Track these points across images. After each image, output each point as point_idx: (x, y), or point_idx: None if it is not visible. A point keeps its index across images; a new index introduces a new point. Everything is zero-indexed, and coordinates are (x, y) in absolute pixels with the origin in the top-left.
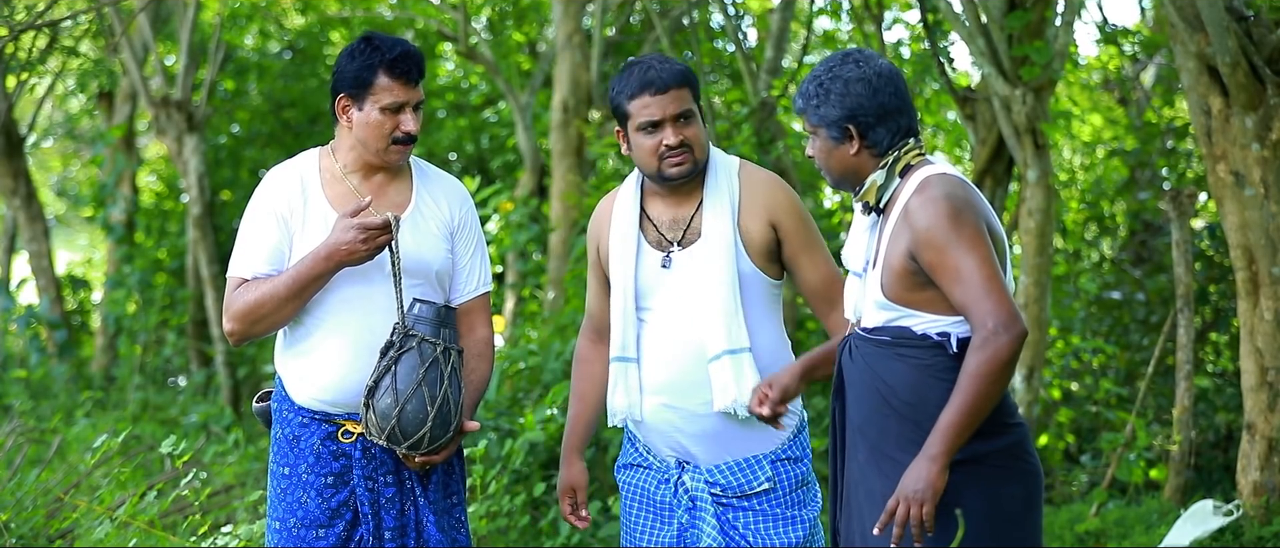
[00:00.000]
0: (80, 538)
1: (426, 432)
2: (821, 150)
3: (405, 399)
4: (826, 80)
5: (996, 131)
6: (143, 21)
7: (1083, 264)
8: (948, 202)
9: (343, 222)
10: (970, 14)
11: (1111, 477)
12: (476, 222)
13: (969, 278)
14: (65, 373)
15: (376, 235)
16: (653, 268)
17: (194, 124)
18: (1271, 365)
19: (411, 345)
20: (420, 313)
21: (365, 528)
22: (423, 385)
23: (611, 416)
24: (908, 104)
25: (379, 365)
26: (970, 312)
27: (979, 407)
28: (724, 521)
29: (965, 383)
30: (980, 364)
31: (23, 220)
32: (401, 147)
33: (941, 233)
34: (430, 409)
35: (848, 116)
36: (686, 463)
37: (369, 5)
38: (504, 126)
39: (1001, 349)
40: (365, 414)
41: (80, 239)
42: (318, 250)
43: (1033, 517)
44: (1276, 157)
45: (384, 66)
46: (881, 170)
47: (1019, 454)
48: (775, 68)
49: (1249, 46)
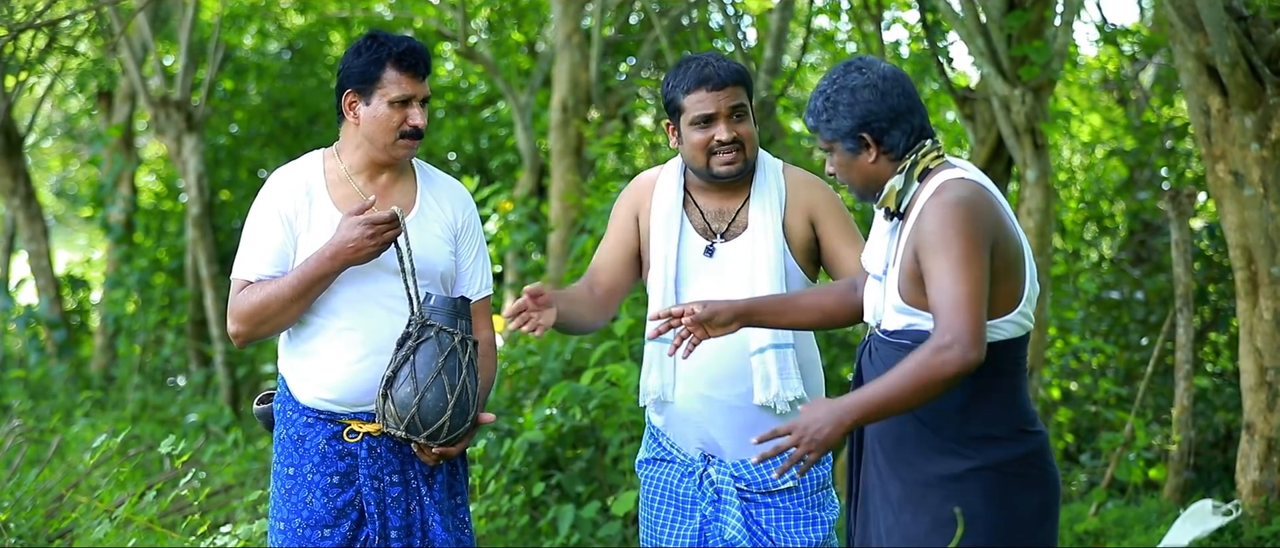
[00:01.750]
0: (79, 538)
1: (446, 421)
2: (841, 164)
3: (424, 388)
4: (833, 93)
5: (996, 131)
6: (142, 21)
7: (1082, 264)
8: (955, 208)
9: (348, 220)
10: (969, 13)
11: (1111, 477)
12: (479, 224)
13: (948, 289)
14: (64, 373)
15: (383, 230)
16: (694, 254)
17: (193, 124)
18: (1271, 365)
19: (429, 335)
20: (436, 304)
21: (371, 528)
22: (442, 375)
23: (643, 395)
24: (918, 104)
25: (396, 356)
26: (937, 319)
27: (901, 402)
28: (748, 515)
29: (898, 375)
30: (919, 368)
31: (22, 220)
32: (409, 141)
33: (939, 238)
34: (450, 398)
35: (861, 125)
36: (711, 456)
37: (368, 5)
38: (503, 126)
39: (947, 365)
40: (382, 405)
41: (79, 239)
42: (323, 250)
43: (1048, 526)
44: (1276, 156)
45: (392, 60)
46: (899, 175)
47: (1037, 463)
48: (775, 67)
49: (1248, 46)
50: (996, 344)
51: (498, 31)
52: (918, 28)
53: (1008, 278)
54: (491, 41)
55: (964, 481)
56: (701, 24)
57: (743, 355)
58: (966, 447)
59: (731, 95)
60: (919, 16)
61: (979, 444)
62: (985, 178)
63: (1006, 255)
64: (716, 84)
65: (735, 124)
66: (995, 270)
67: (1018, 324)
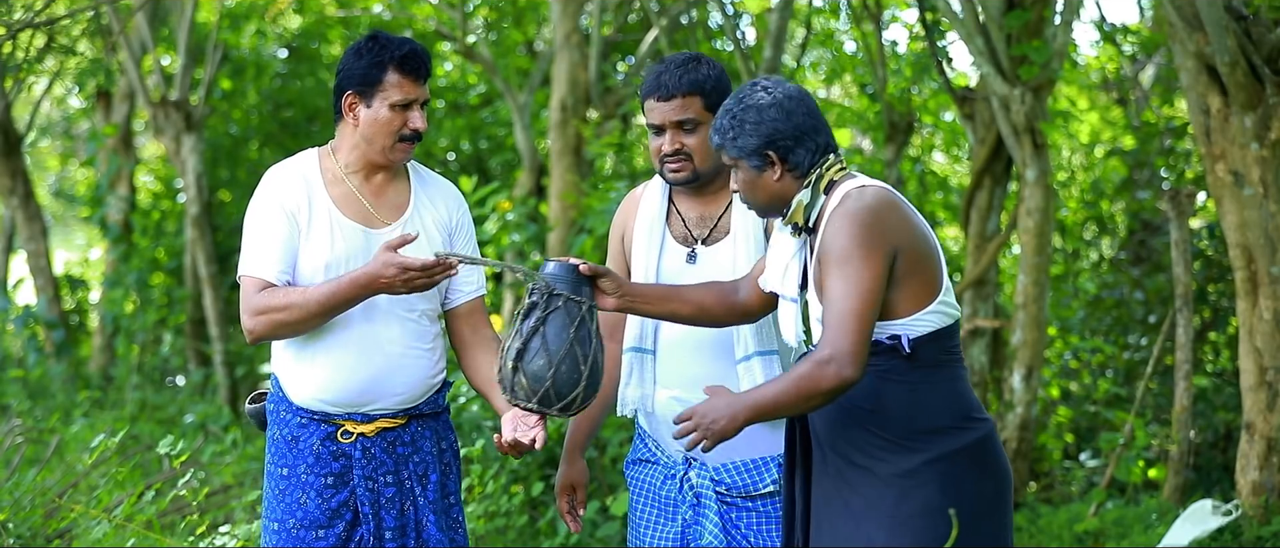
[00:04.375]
0: (78, 538)
1: (580, 391)
2: (745, 182)
3: (558, 360)
4: (739, 112)
5: (995, 131)
6: (140, 20)
7: (1081, 264)
8: (856, 217)
9: (386, 256)
10: (969, 13)
11: (1110, 477)
12: (471, 224)
13: (836, 303)
14: (63, 373)
15: (415, 277)
16: (676, 262)
17: (192, 123)
18: (1270, 365)
19: (557, 305)
20: (557, 271)
21: (365, 528)
22: (574, 345)
23: (622, 406)
24: (822, 122)
25: (522, 327)
26: (824, 332)
27: (788, 408)
28: (727, 520)
29: (785, 384)
30: (801, 379)
31: (20, 220)
32: (408, 144)
33: (835, 250)
34: (583, 369)
35: (767, 143)
36: (693, 460)
37: (367, 4)
38: (502, 126)
39: (825, 379)
40: (512, 378)
41: (78, 238)
42: (358, 277)
43: (1000, 514)
44: (1275, 156)
45: (393, 63)
46: (806, 189)
47: (985, 451)
48: (774, 67)
49: (1248, 46)
50: (926, 337)
51: (496, 31)
52: (917, 27)
53: (919, 274)
54: (490, 41)
55: (918, 475)
56: (700, 23)
57: (728, 363)
58: (916, 441)
59: (679, 108)
60: (918, 16)
61: (928, 437)
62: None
63: (915, 253)
64: (664, 95)
65: (683, 135)
66: (902, 271)
67: (942, 314)
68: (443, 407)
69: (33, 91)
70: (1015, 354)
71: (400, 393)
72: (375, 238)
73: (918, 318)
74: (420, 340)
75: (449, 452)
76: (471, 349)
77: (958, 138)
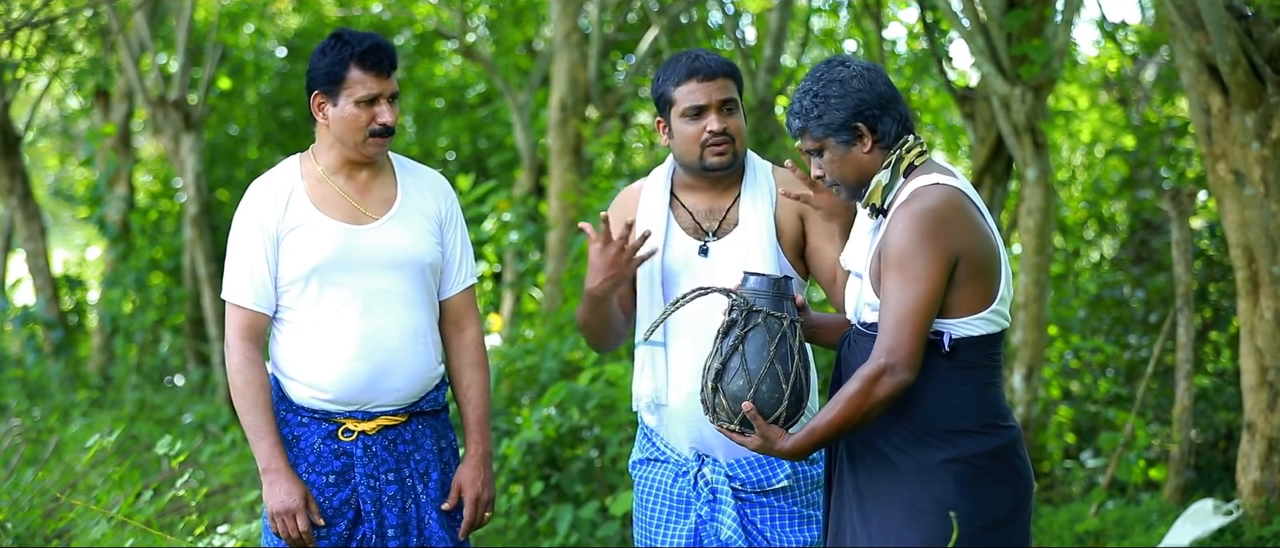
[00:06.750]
0: (77, 538)
1: (782, 411)
2: (833, 162)
3: (758, 380)
4: (820, 89)
5: (995, 130)
6: (139, 20)
7: (1082, 263)
8: (920, 219)
9: (296, 505)
10: (969, 12)
11: (1111, 476)
12: (460, 213)
13: (893, 306)
14: (61, 373)
15: (289, 530)
16: (686, 254)
17: (191, 123)
18: (1271, 365)
19: (757, 322)
20: (757, 285)
21: (367, 527)
22: (774, 364)
23: (636, 400)
24: (899, 94)
25: (722, 345)
26: (879, 335)
27: (848, 428)
28: (743, 515)
29: (841, 402)
30: (858, 393)
31: (19, 219)
32: (378, 139)
33: (897, 252)
34: (785, 387)
35: (854, 114)
36: (705, 456)
37: (366, 4)
38: (501, 125)
39: (881, 388)
40: (713, 399)
41: (76, 238)
42: (267, 465)
43: (1020, 522)
44: (1276, 155)
45: (355, 60)
46: (886, 170)
47: (1009, 458)
48: (774, 66)
49: (1249, 45)
50: (968, 339)
51: (496, 30)
52: (917, 26)
53: (980, 280)
54: (490, 40)
55: (935, 471)
56: (700, 22)
57: None
58: (937, 438)
59: (722, 88)
60: (918, 15)
61: (950, 436)
62: (963, 179)
63: (977, 260)
64: (707, 75)
65: (726, 116)
66: (961, 276)
67: (991, 321)
68: (442, 405)
69: (31, 91)
70: (1016, 354)
71: (401, 388)
72: (361, 234)
73: (966, 321)
74: (419, 334)
75: (449, 451)
76: (454, 349)
77: (958, 137)
